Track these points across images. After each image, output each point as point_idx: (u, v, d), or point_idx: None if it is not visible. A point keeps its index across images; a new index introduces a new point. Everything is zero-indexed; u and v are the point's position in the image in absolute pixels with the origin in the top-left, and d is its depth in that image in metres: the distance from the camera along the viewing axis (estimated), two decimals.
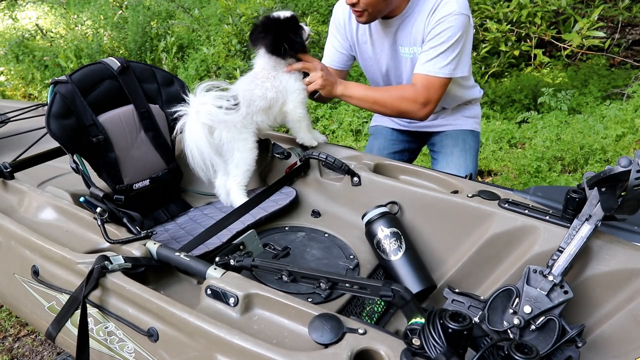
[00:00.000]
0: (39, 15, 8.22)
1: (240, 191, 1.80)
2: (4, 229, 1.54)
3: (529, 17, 3.85)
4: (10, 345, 2.47)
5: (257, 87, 1.80)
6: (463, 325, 0.89)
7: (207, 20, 6.62)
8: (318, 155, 1.83)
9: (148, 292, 1.23)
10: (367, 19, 1.98)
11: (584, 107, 4.32)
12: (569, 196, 1.39)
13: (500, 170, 3.78)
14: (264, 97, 1.80)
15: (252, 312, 1.19)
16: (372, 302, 1.51)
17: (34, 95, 6.20)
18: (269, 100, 1.81)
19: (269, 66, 1.83)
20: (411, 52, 2.05)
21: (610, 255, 1.36)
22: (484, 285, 1.56)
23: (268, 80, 1.82)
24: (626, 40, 5.23)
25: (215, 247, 1.55)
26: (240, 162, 1.78)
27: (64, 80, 1.69)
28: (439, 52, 1.92)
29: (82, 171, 1.65)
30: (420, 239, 1.68)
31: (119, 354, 1.31)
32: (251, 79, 1.83)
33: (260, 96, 1.79)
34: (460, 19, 1.90)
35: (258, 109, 1.80)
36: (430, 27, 1.94)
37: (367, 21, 2.00)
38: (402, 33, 2.04)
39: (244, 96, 1.78)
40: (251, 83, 1.81)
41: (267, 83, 1.81)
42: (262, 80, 1.81)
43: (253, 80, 1.82)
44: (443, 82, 1.95)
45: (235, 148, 1.77)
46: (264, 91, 1.80)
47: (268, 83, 1.81)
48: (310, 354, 1.02)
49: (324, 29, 5.19)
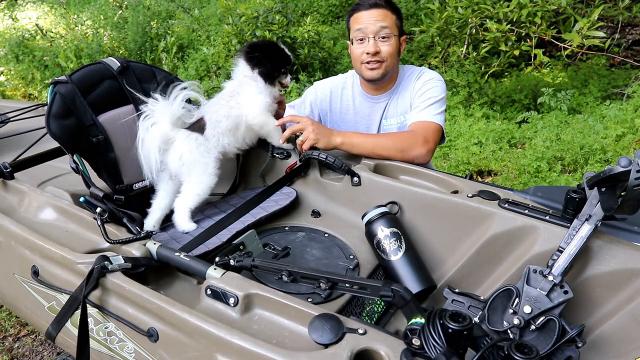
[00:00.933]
0: (39, 15, 8.23)
1: (186, 215, 1.72)
2: (4, 229, 1.54)
3: (529, 17, 3.85)
4: (10, 345, 2.48)
5: (222, 107, 1.77)
6: (463, 325, 0.89)
7: (207, 20, 6.63)
8: (318, 155, 1.83)
9: (148, 292, 1.23)
10: (382, 73, 2.04)
11: (584, 107, 4.32)
12: (569, 196, 1.39)
13: (500, 170, 3.78)
14: (228, 115, 1.76)
15: (252, 312, 1.19)
16: (372, 302, 1.51)
17: (34, 95, 6.20)
18: (233, 118, 1.77)
19: (236, 83, 1.82)
20: (398, 121, 2.16)
21: (610, 255, 1.36)
22: (484, 285, 1.56)
23: (232, 97, 1.79)
24: (626, 40, 5.23)
25: (215, 247, 1.55)
26: (196, 187, 1.72)
27: (64, 80, 1.69)
28: (429, 104, 2.03)
29: (82, 171, 1.65)
30: (420, 239, 1.68)
31: (119, 354, 1.31)
32: (217, 100, 1.80)
33: (225, 115, 1.76)
34: (442, 84, 2.10)
35: (224, 129, 1.75)
36: (416, 90, 2.09)
37: (380, 75, 2.05)
38: (391, 107, 2.16)
39: (210, 118, 1.74)
40: (216, 104, 1.79)
41: (232, 101, 1.78)
42: (227, 100, 1.79)
43: (218, 101, 1.79)
44: (437, 128, 1.99)
45: (194, 171, 1.71)
46: (228, 110, 1.77)
47: (232, 101, 1.78)
48: (310, 354, 1.01)
49: (323, 29, 5.19)
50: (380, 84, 2.12)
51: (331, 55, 5.14)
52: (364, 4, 2.03)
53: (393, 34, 2.02)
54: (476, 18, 4.14)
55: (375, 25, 1.99)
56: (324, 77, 4.96)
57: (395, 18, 2.04)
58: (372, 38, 2.00)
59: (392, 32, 2.02)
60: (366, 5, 2.02)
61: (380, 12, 2.01)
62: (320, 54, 4.98)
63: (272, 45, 1.88)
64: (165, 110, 1.67)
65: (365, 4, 2.02)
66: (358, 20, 2.04)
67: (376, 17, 2.00)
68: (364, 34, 2.02)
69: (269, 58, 1.83)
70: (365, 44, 2.02)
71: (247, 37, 4.75)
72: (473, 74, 4.83)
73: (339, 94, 2.25)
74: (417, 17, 5.71)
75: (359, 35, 2.04)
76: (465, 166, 3.80)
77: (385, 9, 2.02)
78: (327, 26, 5.97)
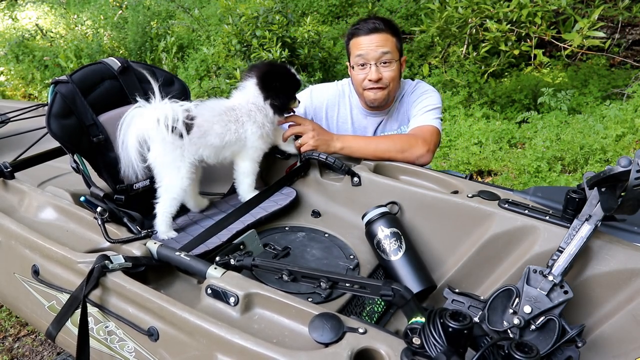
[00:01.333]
0: (39, 15, 8.22)
1: (164, 219, 1.67)
2: (5, 229, 1.54)
3: (529, 17, 3.85)
4: (10, 345, 2.48)
5: (219, 122, 1.66)
6: (463, 324, 0.89)
7: (207, 20, 6.63)
8: (318, 155, 1.83)
9: (148, 291, 1.23)
10: (384, 97, 2.05)
11: (584, 107, 4.32)
12: (569, 196, 1.39)
13: (500, 170, 3.78)
14: (221, 136, 1.67)
15: (253, 312, 1.19)
16: (372, 302, 1.51)
17: (34, 95, 6.20)
18: (224, 142, 1.68)
19: (246, 109, 1.72)
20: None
21: (610, 255, 1.36)
22: (484, 285, 1.56)
23: (235, 123, 1.69)
24: (626, 40, 5.23)
25: (215, 246, 1.55)
26: (168, 189, 1.65)
27: (65, 80, 1.69)
28: (426, 110, 2.04)
29: (83, 171, 1.65)
30: (420, 239, 1.68)
31: (119, 353, 1.31)
32: (220, 112, 1.69)
33: (218, 134, 1.66)
34: (437, 95, 2.11)
35: (209, 144, 1.66)
36: (413, 100, 2.10)
37: (383, 99, 2.06)
38: (389, 123, 2.17)
39: (200, 124, 1.63)
40: (217, 116, 1.67)
41: (232, 125, 1.69)
42: (229, 120, 1.68)
43: (220, 114, 1.68)
44: (435, 130, 1.99)
45: (165, 174, 1.65)
46: (224, 131, 1.67)
47: (233, 125, 1.69)
48: (310, 353, 1.02)
49: (323, 29, 5.19)
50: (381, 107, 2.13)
51: (331, 55, 5.13)
52: (363, 28, 2.00)
53: (394, 58, 2.00)
54: (476, 18, 4.14)
55: (377, 51, 1.97)
56: (324, 77, 4.99)
57: (395, 41, 2.02)
58: (374, 64, 1.98)
59: (393, 57, 2.00)
60: (366, 30, 1.99)
61: (380, 37, 1.98)
62: (320, 54, 4.97)
63: (285, 72, 1.79)
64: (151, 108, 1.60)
65: (365, 29, 1.99)
66: (358, 45, 2.01)
67: (377, 43, 1.97)
68: (365, 60, 2.00)
69: (284, 88, 1.76)
70: (367, 69, 2.00)
71: (247, 37, 4.74)
72: (473, 74, 4.83)
73: (336, 102, 2.23)
74: (417, 17, 5.71)
75: (360, 61, 2.02)
76: (465, 166, 3.81)
77: (385, 32, 1.99)
78: (327, 26, 5.97)
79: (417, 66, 5.28)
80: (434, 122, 2.01)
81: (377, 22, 2.00)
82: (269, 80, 1.73)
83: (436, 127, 2.00)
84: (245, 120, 1.71)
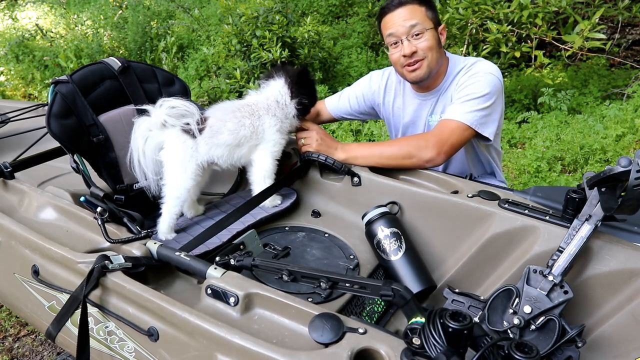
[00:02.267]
0: (39, 15, 8.22)
1: (167, 220, 1.66)
2: (4, 229, 1.54)
3: (530, 18, 3.85)
4: (10, 345, 2.48)
5: (232, 120, 1.66)
6: (463, 324, 0.89)
7: (207, 20, 6.63)
8: (318, 156, 1.83)
9: (148, 291, 1.23)
10: (425, 71, 1.91)
11: (584, 107, 4.32)
12: (569, 196, 1.39)
13: None
14: (235, 132, 1.65)
15: (253, 312, 1.19)
16: (372, 302, 1.51)
17: (34, 95, 6.20)
18: (239, 137, 1.66)
19: (264, 104, 1.71)
20: None
21: (610, 255, 1.36)
22: (484, 285, 1.56)
23: (251, 117, 1.68)
24: (626, 40, 5.23)
25: (215, 246, 1.55)
26: (172, 188, 1.65)
27: (65, 80, 1.69)
28: (465, 99, 1.84)
29: (83, 171, 1.65)
30: (420, 239, 1.68)
31: (119, 354, 1.31)
32: (233, 109, 1.69)
33: (231, 130, 1.64)
34: (489, 77, 1.86)
35: (222, 142, 1.65)
36: (460, 84, 1.91)
37: (424, 74, 1.92)
38: (439, 104, 2.03)
39: (212, 124, 1.64)
40: (230, 113, 1.67)
41: (247, 120, 1.67)
42: (243, 115, 1.68)
43: (233, 112, 1.68)
44: (461, 127, 1.80)
45: (172, 172, 1.65)
46: (238, 126, 1.65)
47: (248, 120, 1.67)
48: (310, 353, 1.02)
49: (323, 29, 5.18)
50: (428, 82, 1.99)
51: (331, 55, 5.13)
52: (389, 6, 1.94)
53: (426, 27, 1.90)
54: (477, 19, 4.14)
55: (405, 25, 1.89)
56: (324, 77, 4.99)
57: (425, 10, 1.92)
58: (405, 39, 1.89)
59: (425, 26, 1.89)
60: (392, 7, 1.92)
61: (407, 10, 1.90)
62: (320, 54, 4.97)
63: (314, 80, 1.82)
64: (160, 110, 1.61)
65: (391, 6, 1.93)
66: (387, 24, 1.94)
67: (404, 17, 1.89)
68: (396, 37, 1.92)
69: (312, 93, 1.78)
70: (400, 46, 1.92)
71: (247, 37, 4.74)
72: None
73: (392, 87, 2.16)
74: None
75: (392, 40, 1.93)
76: None
77: (411, 4, 1.90)
78: (327, 26, 5.97)
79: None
80: (464, 117, 1.80)
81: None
82: (303, 81, 1.76)
83: (462, 124, 1.80)
84: (262, 114, 1.71)
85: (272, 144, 1.74)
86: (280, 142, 1.76)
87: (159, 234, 1.67)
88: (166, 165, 1.66)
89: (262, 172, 1.75)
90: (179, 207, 1.68)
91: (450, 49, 4.91)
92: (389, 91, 2.17)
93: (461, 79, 1.92)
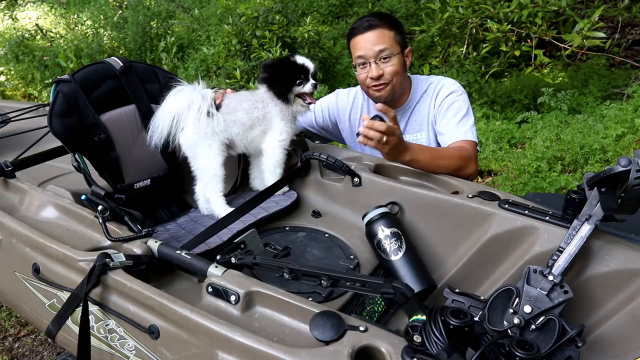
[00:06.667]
0: (39, 15, 8.23)
1: (218, 199, 1.76)
2: (5, 227, 1.55)
3: (530, 18, 3.85)
4: (10, 345, 2.48)
5: (246, 101, 1.80)
6: (464, 321, 0.90)
7: (207, 20, 6.63)
8: (319, 155, 1.84)
9: (149, 289, 1.23)
10: (389, 93, 2.03)
11: (584, 107, 4.32)
12: (569, 197, 1.39)
13: (500, 170, 3.78)
14: (249, 111, 1.78)
15: (253, 310, 1.19)
16: (372, 302, 1.52)
17: (34, 95, 6.21)
18: (252, 118, 1.78)
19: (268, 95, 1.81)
20: (414, 138, 2.13)
21: (610, 255, 1.36)
22: (484, 285, 1.56)
23: (262, 102, 1.80)
24: (626, 40, 5.24)
25: (216, 245, 1.55)
26: (205, 169, 1.74)
27: (67, 79, 1.70)
28: (458, 119, 2.00)
29: (84, 170, 1.66)
30: (420, 239, 1.68)
31: (119, 352, 1.32)
32: (247, 96, 1.83)
33: (245, 110, 1.78)
34: (464, 96, 2.07)
35: (237, 120, 1.76)
36: (438, 106, 2.05)
37: (388, 95, 2.03)
38: (410, 122, 2.13)
39: (228, 103, 1.77)
40: (243, 96, 1.83)
41: (259, 104, 1.80)
42: (255, 100, 1.80)
43: (247, 96, 1.82)
44: (473, 144, 1.99)
45: (198, 153, 1.74)
46: (251, 107, 1.79)
47: (260, 104, 1.80)
48: (311, 351, 1.02)
49: (323, 29, 5.19)
50: (392, 102, 2.07)
51: (331, 55, 5.14)
52: (359, 27, 2.00)
53: (393, 52, 1.99)
54: (477, 18, 4.14)
55: (373, 49, 1.97)
56: (324, 77, 4.99)
57: (393, 34, 2.00)
58: (373, 62, 1.98)
59: (393, 52, 1.98)
60: (362, 29, 1.99)
61: (376, 34, 1.97)
62: (320, 54, 4.98)
63: (283, 60, 1.85)
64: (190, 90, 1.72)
65: (361, 28, 1.99)
66: (357, 46, 2.02)
67: (373, 41, 1.97)
68: (364, 59, 2.00)
69: (278, 75, 1.81)
70: (368, 68, 2.00)
71: (247, 37, 4.75)
72: (473, 74, 4.84)
73: (359, 105, 2.24)
74: (417, 17, 5.72)
75: (360, 61, 2.02)
76: None
77: (381, 28, 1.98)
78: (327, 26, 5.97)
79: (418, 66, 5.28)
80: (472, 136, 1.99)
81: (372, 18, 2.00)
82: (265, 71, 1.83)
83: (472, 141, 1.99)
84: (269, 102, 1.81)
85: (278, 132, 1.82)
86: (286, 131, 1.83)
87: (217, 213, 1.74)
88: (191, 148, 1.74)
89: (273, 161, 1.84)
90: (220, 184, 1.76)
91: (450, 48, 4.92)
92: (355, 109, 2.25)
93: (437, 101, 2.07)
